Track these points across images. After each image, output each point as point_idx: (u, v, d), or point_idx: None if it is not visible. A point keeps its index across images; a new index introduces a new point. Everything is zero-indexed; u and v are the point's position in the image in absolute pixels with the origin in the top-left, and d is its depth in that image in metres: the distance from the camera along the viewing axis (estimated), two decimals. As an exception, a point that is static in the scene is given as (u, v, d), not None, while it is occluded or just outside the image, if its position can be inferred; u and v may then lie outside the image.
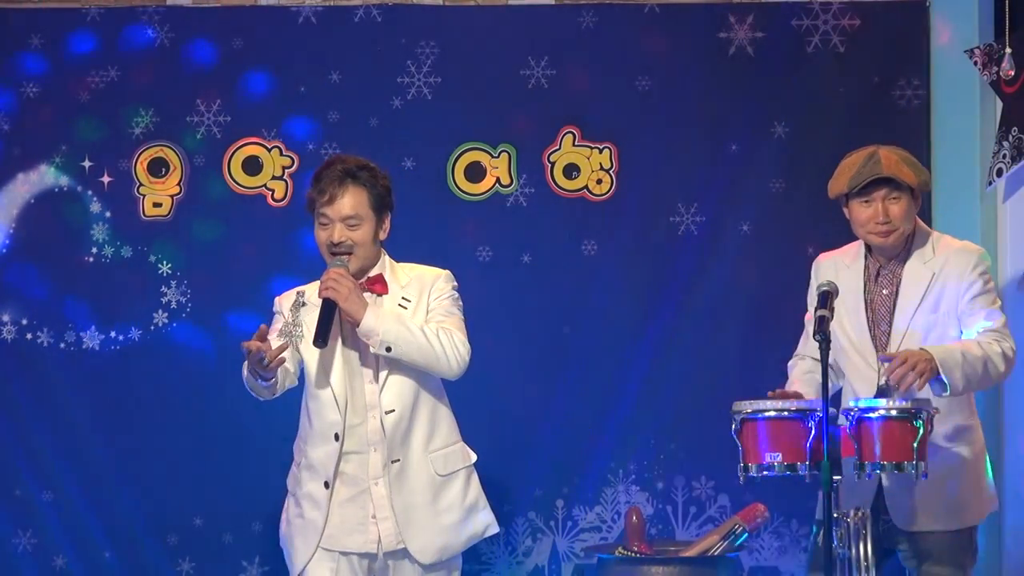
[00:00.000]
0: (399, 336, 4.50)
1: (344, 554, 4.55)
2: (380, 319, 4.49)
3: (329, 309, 4.48)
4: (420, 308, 4.61)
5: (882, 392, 4.53)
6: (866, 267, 4.73)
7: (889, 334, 4.66)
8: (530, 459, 5.82)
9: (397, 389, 4.57)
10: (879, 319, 4.68)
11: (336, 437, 4.54)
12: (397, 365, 4.55)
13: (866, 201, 4.63)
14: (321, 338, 4.46)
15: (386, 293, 4.59)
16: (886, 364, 4.45)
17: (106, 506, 5.77)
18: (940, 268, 4.66)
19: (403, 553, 4.57)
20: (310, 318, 4.57)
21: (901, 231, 4.65)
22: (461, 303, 4.70)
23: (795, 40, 5.88)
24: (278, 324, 4.66)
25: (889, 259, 4.70)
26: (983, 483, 4.73)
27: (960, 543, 4.67)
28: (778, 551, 5.82)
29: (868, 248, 4.74)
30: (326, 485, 4.54)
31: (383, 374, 4.56)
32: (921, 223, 4.77)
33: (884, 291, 4.70)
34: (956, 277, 4.65)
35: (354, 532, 4.55)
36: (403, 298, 4.60)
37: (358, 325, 4.48)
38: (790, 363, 4.91)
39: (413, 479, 4.57)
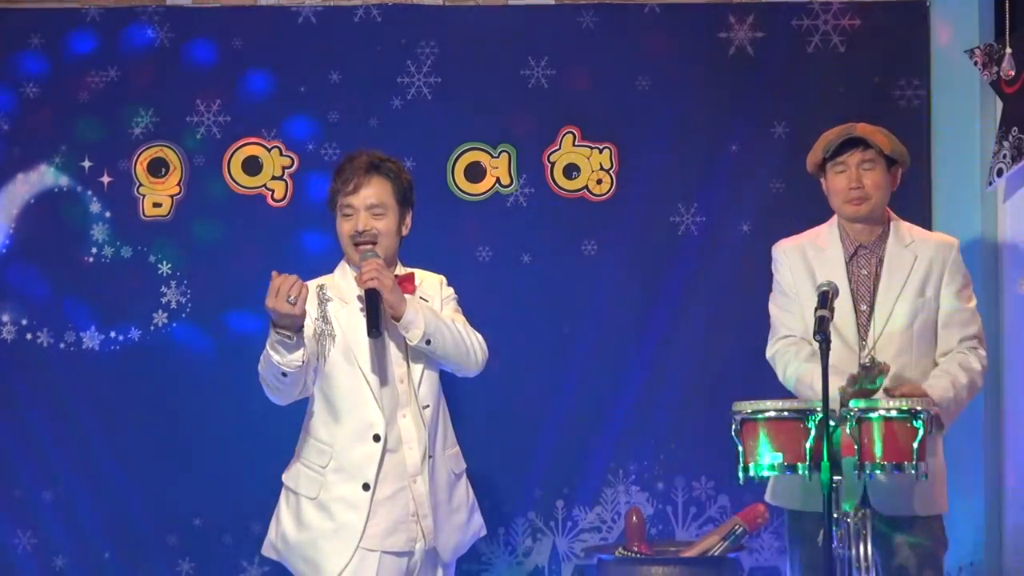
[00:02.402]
0: (438, 328, 4.49)
1: (385, 554, 4.50)
2: (419, 311, 4.48)
3: (374, 299, 4.43)
4: (435, 307, 4.62)
5: (864, 368, 4.51)
6: (843, 247, 4.74)
7: (871, 315, 4.67)
8: (530, 459, 5.82)
9: (429, 384, 4.57)
10: (859, 299, 4.69)
11: (377, 438, 4.50)
12: (426, 361, 4.55)
13: (841, 170, 4.67)
14: (376, 327, 4.41)
15: (412, 293, 4.58)
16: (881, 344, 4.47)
17: (106, 506, 5.77)
18: (923, 253, 4.69)
19: (432, 551, 4.57)
20: (341, 313, 4.54)
21: (874, 201, 4.67)
22: None
23: (795, 40, 5.89)
24: None
25: (868, 239, 4.71)
26: (944, 472, 4.74)
27: (934, 529, 4.69)
28: (778, 551, 5.81)
29: (842, 229, 4.75)
30: (365, 487, 4.48)
31: (417, 369, 4.54)
32: (892, 212, 4.78)
33: (863, 271, 4.71)
34: (941, 264, 4.69)
35: (396, 531, 4.50)
36: (421, 297, 4.60)
37: (398, 318, 4.46)
38: (777, 352, 4.84)
39: (439, 476, 4.57)
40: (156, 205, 5.86)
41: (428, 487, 4.52)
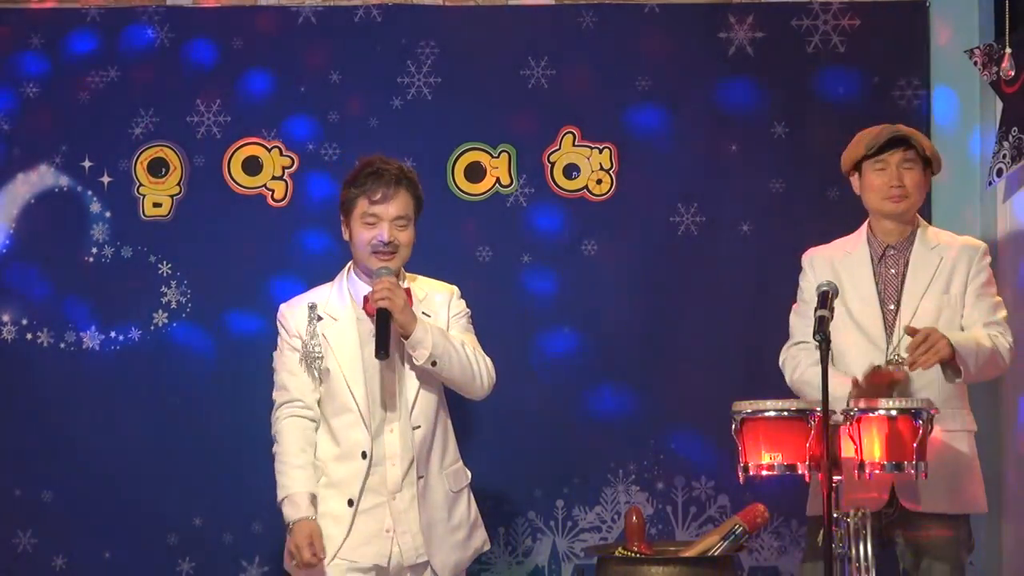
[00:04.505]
0: (445, 350, 4.52)
1: (356, 566, 4.55)
2: (428, 332, 4.51)
3: (384, 319, 4.46)
4: (439, 324, 4.63)
5: (875, 373, 4.55)
6: (871, 249, 4.79)
7: (897, 313, 4.71)
8: (530, 459, 5.81)
9: (424, 405, 4.59)
10: (886, 299, 4.75)
11: (364, 455, 4.54)
12: (426, 381, 4.57)
13: (881, 168, 4.75)
14: (383, 349, 4.44)
15: (411, 306, 4.60)
16: (908, 339, 4.50)
17: (106, 506, 5.76)
18: (948, 255, 4.76)
19: (422, 568, 4.59)
20: (331, 331, 4.58)
21: (913, 200, 4.77)
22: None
23: (795, 40, 5.89)
24: (284, 339, 4.66)
25: (897, 239, 4.77)
26: (979, 470, 4.76)
27: (959, 534, 4.69)
28: (778, 551, 5.82)
29: (870, 231, 4.82)
30: (350, 503, 4.55)
31: (412, 388, 4.57)
32: (920, 217, 4.88)
33: (891, 271, 4.77)
34: (966, 263, 4.76)
35: (368, 544, 4.56)
36: (423, 312, 4.62)
37: (407, 336, 4.49)
38: (788, 356, 4.88)
39: (433, 495, 4.60)
40: (156, 205, 5.85)
41: (412, 505, 4.56)
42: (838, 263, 4.82)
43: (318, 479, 4.59)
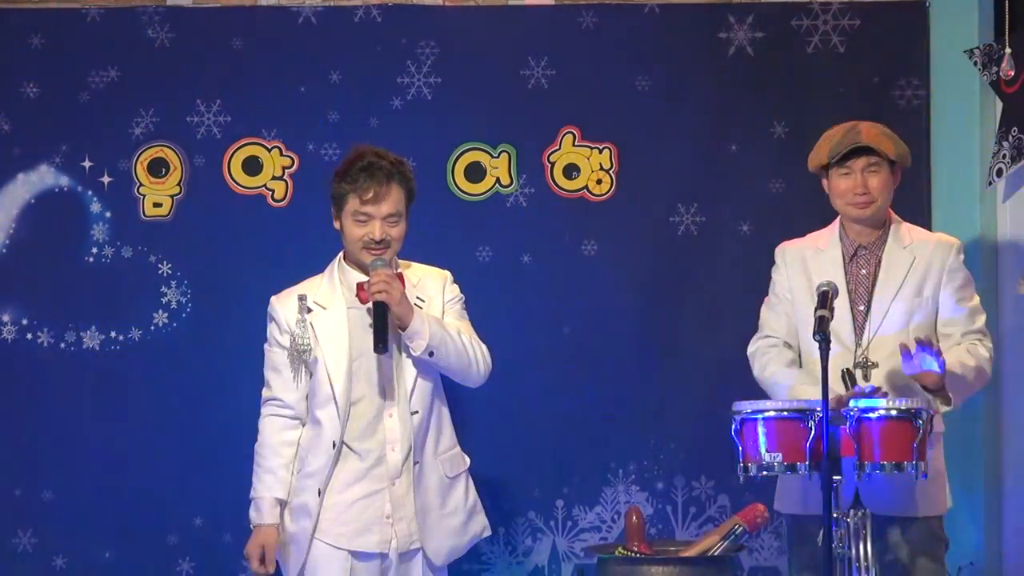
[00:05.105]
0: (442, 340, 4.51)
1: (355, 553, 4.55)
2: (425, 322, 4.50)
3: (382, 312, 4.46)
4: (435, 310, 4.62)
5: (847, 375, 4.55)
6: (843, 247, 4.75)
7: (867, 314, 4.68)
8: (530, 459, 5.82)
9: (422, 391, 4.58)
10: (857, 299, 4.72)
11: (333, 445, 4.55)
12: (423, 367, 4.56)
13: (846, 173, 4.70)
14: (382, 343, 4.44)
15: (404, 290, 4.59)
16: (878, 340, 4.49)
17: (106, 506, 5.76)
18: (921, 254, 4.71)
19: (414, 554, 4.59)
20: (319, 322, 4.58)
21: (879, 203, 4.71)
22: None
23: (795, 40, 5.89)
24: (275, 331, 4.66)
25: (868, 240, 4.73)
26: (943, 472, 4.74)
27: (936, 531, 4.68)
28: (778, 551, 5.81)
29: (842, 229, 4.78)
30: (318, 493, 4.55)
31: (411, 375, 4.56)
32: (894, 214, 4.82)
33: (863, 271, 4.74)
34: (940, 264, 4.70)
35: (368, 532, 4.55)
36: (417, 298, 4.61)
37: (404, 328, 4.49)
38: (758, 350, 4.86)
39: (427, 481, 4.59)
40: (156, 205, 5.85)
41: (409, 491, 4.54)
42: (809, 259, 4.79)
43: (300, 468, 4.60)
